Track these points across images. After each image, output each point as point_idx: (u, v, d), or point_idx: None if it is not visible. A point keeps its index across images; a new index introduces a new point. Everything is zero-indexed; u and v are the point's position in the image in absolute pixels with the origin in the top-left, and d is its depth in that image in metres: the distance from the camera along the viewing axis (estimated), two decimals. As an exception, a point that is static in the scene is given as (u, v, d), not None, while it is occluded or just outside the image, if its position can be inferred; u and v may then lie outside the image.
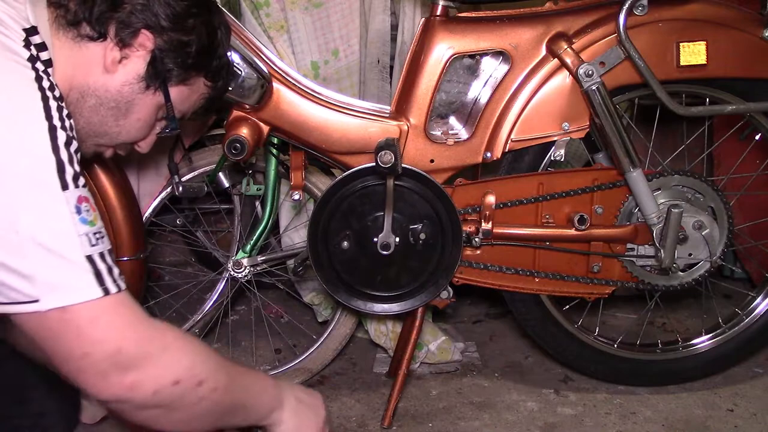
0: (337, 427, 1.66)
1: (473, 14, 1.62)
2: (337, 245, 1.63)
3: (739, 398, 1.77)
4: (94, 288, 0.97)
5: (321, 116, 1.60)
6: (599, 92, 1.57)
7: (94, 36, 1.14)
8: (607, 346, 1.81)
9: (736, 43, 1.60)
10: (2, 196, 0.95)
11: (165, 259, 2.35)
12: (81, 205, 0.99)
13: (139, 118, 1.22)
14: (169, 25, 1.18)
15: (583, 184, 1.65)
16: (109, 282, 0.99)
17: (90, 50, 1.15)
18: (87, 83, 1.15)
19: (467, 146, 1.64)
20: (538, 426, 1.67)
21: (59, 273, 0.96)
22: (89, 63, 1.15)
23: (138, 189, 1.74)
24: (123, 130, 1.23)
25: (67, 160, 0.99)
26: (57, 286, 0.96)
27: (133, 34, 1.16)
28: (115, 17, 1.15)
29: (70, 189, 0.98)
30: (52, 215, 0.97)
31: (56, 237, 0.96)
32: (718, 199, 1.68)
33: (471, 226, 1.64)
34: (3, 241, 0.94)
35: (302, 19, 1.85)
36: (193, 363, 1.06)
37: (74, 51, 1.14)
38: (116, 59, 1.16)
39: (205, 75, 1.27)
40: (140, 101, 1.20)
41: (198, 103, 1.32)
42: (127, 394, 1.01)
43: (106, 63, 1.15)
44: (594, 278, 1.70)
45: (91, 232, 0.99)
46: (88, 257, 0.98)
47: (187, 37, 1.20)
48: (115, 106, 1.18)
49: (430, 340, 1.90)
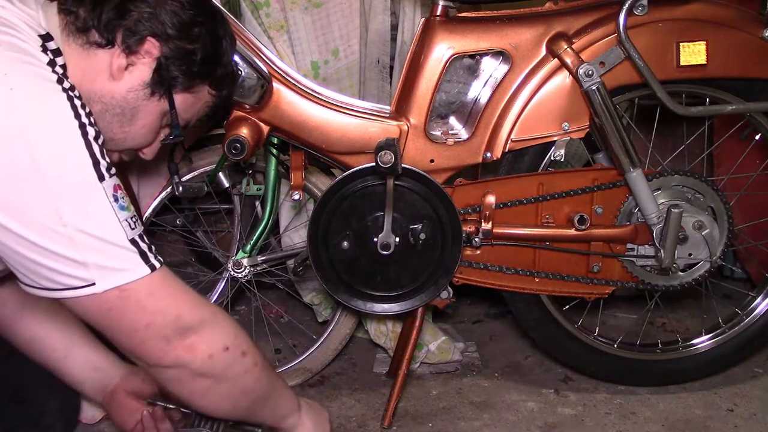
0: (337, 427, 1.66)
1: (473, 14, 1.62)
2: (337, 245, 1.63)
3: (739, 398, 1.77)
4: (142, 266, 1.10)
5: (321, 116, 1.60)
6: (599, 92, 1.57)
7: (102, 43, 1.17)
8: (607, 346, 1.81)
9: (736, 43, 1.60)
10: (46, 193, 1.02)
11: (165, 259, 2.33)
12: (117, 193, 1.08)
13: (144, 125, 1.24)
14: (175, 33, 1.20)
15: (583, 184, 1.65)
16: (153, 259, 1.12)
17: (98, 57, 1.17)
18: (93, 89, 1.17)
19: (467, 146, 1.64)
20: (538, 426, 1.67)
21: (111, 257, 1.06)
22: (96, 69, 1.18)
23: (138, 189, 1.74)
24: (128, 136, 1.25)
25: (99, 153, 1.07)
26: (110, 268, 1.06)
27: (140, 42, 1.18)
28: (122, 24, 1.17)
29: (106, 179, 1.07)
30: (95, 206, 1.06)
31: (102, 225, 1.06)
32: (718, 199, 1.68)
33: (471, 226, 1.64)
34: (53, 233, 1.03)
35: (302, 19, 1.85)
36: (237, 332, 1.19)
37: (83, 57, 1.17)
38: (122, 66, 1.18)
39: (209, 83, 1.29)
40: (145, 108, 1.22)
41: (202, 111, 1.33)
42: (188, 356, 1.12)
43: (112, 70, 1.18)
44: (594, 278, 1.70)
45: (129, 217, 1.09)
46: (132, 240, 1.09)
47: (193, 46, 1.22)
48: (120, 112, 1.20)
49: (430, 340, 1.90)
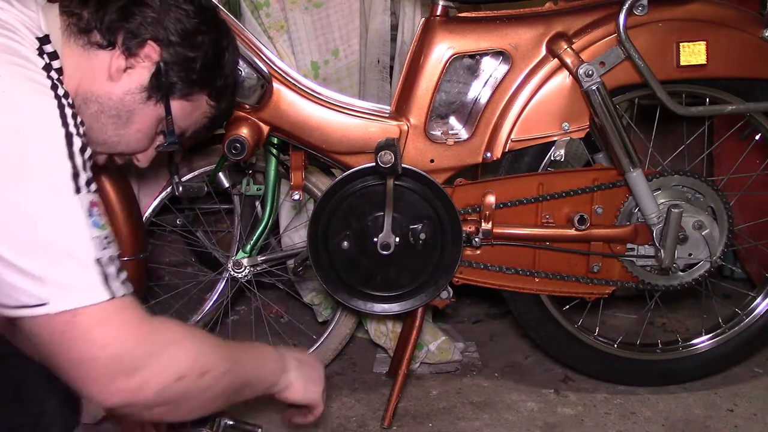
0: (337, 427, 1.66)
1: (473, 14, 1.62)
2: (337, 245, 1.63)
3: (739, 398, 1.77)
4: (101, 291, 0.99)
5: (321, 116, 1.60)
6: (599, 92, 1.57)
7: (103, 44, 1.17)
8: (607, 346, 1.81)
9: (736, 43, 1.60)
10: (21, 199, 0.97)
11: (165, 259, 2.34)
12: (93, 209, 1.02)
13: (139, 129, 1.23)
14: (177, 39, 1.20)
15: (583, 184, 1.65)
16: (116, 286, 1.01)
17: (98, 58, 1.17)
18: (91, 90, 1.17)
19: (467, 146, 1.64)
20: (538, 426, 1.67)
21: (69, 274, 0.98)
22: (95, 70, 1.17)
23: (138, 189, 1.74)
24: (122, 140, 1.24)
25: (81, 165, 1.02)
26: (67, 287, 0.97)
27: (140, 45, 1.18)
28: (124, 27, 1.17)
29: (82, 192, 1.01)
30: (66, 218, 0.99)
31: (69, 238, 0.98)
32: (718, 199, 1.68)
33: (471, 226, 1.64)
34: (16, 241, 0.96)
35: (302, 19, 1.85)
36: (196, 356, 1.08)
37: (83, 58, 1.17)
38: (121, 68, 1.18)
39: (208, 93, 1.28)
40: (141, 112, 1.21)
41: (200, 122, 1.32)
42: (134, 398, 1.02)
43: (111, 71, 1.17)
44: (594, 278, 1.70)
45: (102, 236, 1.01)
46: (97, 260, 0.99)
47: (194, 53, 1.22)
48: (116, 114, 1.19)
49: (430, 340, 1.90)
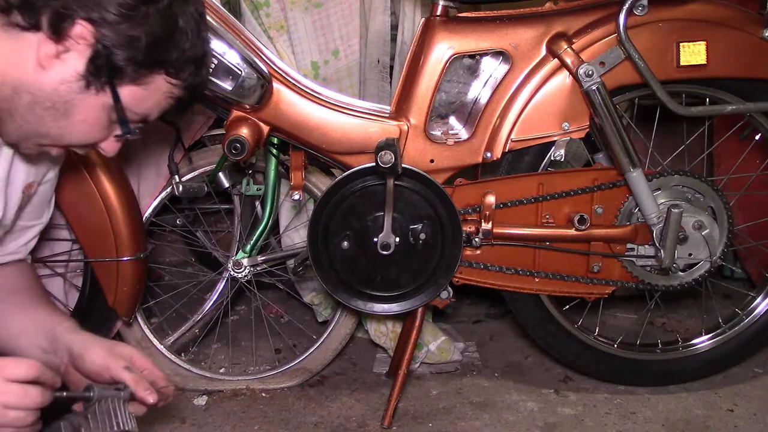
0: (337, 427, 1.66)
1: (473, 14, 1.62)
2: (337, 245, 1.63)
3: (739, 398, 1.77)
4: None
5: (321, 116, 1.60)
6: (599, 92, 1.57)
7: (24, 25, 1.05)
8: (607, 346, 1.81)
9: (735, 43, 1.60)
10: None
11: (165, 259, 2.35)
12: None
13: (84, 120, 1.11)
14: (114, 16, 1.05)
15: (583, 184, 1.65)
16: None
17: (21, 41, 1.06)
18: (20, 78, 1.06)
19: (467, 146, 1.64)
20: (538, 426, 1.67)
21: None
22: (20, 56, 1.06)
23: (138, 189, 1.74)
24: (65, 132, 1.12)
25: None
26: None
27: (70, 26, 1.04)
28: (49, 5, 1.04)
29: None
30: None
31: None
32: (718, 199, 1.68)
33: (471, 226, 1.64)
34: None
35: (302, 19, 1.85)
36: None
37: (3, 41, 1.06)
38: (51, 54, 1.06)
39: (165, 72, 1.12)
40: (81, 102, 1.09)
41: (165, 103, 1.17)
42: None
43: (39, 57, 1.05)
44: (594, 278, 1.70)
45: None
46: None
47: (137, 30, 1.06)
48: (51, 106, 1.08)
49: (430, 340, 1.90)
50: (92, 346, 1.20)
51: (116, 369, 1.16)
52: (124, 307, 1.67)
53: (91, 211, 1.58)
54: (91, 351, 1.19)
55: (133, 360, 1.20)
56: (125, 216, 1.61)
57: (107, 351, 1.19)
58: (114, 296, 1.65)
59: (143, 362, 1.22)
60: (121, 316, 1.69)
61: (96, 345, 1.21)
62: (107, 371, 1.17)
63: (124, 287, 1.64)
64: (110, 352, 1.19)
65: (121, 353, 1.20)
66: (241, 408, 1.73)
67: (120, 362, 1.17)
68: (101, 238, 1.60)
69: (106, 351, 1.19)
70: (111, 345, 1.22)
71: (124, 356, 1.20)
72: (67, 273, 1.76)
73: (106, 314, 1.68)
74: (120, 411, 1.13)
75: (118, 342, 1.24)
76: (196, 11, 1.15)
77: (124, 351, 1.21)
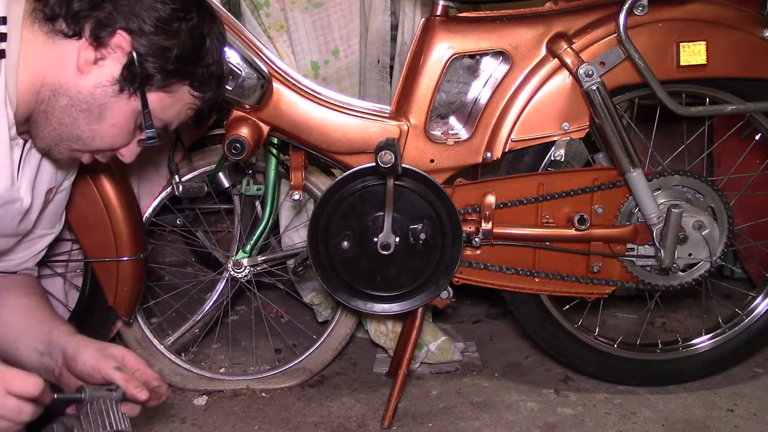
0: (337, 427, 1.66)
1: (473, 14, 1.62)
2: (337, 245, 1.63)
3: (739, 398, 1.77)
4: None
5: (321, 116, 1.60)
6: (599, 92, 1.57)
7: (68, 33, 1.12)
8: (607, 346, 1.81)
9: (735, 43, 1.60)
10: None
11: (165, 259, 2.35)
12: None
13: (114, 124, 1.19)
14: (150, 28, 1.14)
15: (583, 184, 1.65)
16: None
17: (64, 47, 1.13)
18: (59, 82, 1.14)
19: (467, 146, 1.64)
20: (538, 426, 1.67)
21: None
22: (62, 61, 1.13)
23: (138, 189, 1.74)
24: (97, 135, 1.19)
25: None
26: None
27: (110, 35, 1.13)
28: (93, 16, 1.12)
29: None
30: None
31: None
32: (718, 199, 1.68)
33: (471, 226, 1.64)
34: None
35: (302, 19, 1.85)
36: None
37: (47, 46, 1.13)
38: (90, 59, 1.14)
39: (189, 83, 1.22)
40: (114, 106, 1.17)
41: (185, 114, 1.27)
42: None
43: (79, 63, 1.13)
44: (594, 278, 1.70)
45: None
46: None
47: (169, 42, 1.16)
48: (87, 108, 1.15)
49: (430, 340, 1.90)
50: (84, 348, 1.22)
51: (107, 369, 1.17)
52: (124, 307, 1.67)
53: (91, 211, 1.58)
54: (82, 352, 1.21)
55: (124, 360, 1.21)
56: (125, 216, 1.61)
57: (99, 352, 1.20)
58: (114, 296, 1.65)
59: (135, 362, 1.23)
60: (121, 316, 1.69)
61: (88, 347, 1.22)
62: (98, 372, 1.18)
63: (124, 287, 1.64)
64: (101, 353, 1.20)
65: (112, 354, 1.21)
66: (241, 408, 1.73)
67: (111, 363, 1.18)
68: (101, 238, 1.60)
69: (97, 352, 1.20)
70: (103, 346, 1.23)
71: (116, 357, 1.21)
72: (67, 273, 1.76)
73: (106, 314, 1.69)
74: (112, 411, 1.13)
75: (111, 344, 1.26)
76: (220, 33, 1.26)
77: (116, 352, 1.22)
